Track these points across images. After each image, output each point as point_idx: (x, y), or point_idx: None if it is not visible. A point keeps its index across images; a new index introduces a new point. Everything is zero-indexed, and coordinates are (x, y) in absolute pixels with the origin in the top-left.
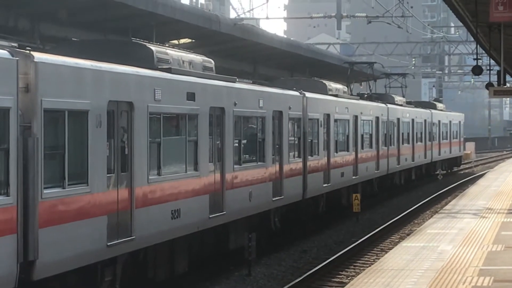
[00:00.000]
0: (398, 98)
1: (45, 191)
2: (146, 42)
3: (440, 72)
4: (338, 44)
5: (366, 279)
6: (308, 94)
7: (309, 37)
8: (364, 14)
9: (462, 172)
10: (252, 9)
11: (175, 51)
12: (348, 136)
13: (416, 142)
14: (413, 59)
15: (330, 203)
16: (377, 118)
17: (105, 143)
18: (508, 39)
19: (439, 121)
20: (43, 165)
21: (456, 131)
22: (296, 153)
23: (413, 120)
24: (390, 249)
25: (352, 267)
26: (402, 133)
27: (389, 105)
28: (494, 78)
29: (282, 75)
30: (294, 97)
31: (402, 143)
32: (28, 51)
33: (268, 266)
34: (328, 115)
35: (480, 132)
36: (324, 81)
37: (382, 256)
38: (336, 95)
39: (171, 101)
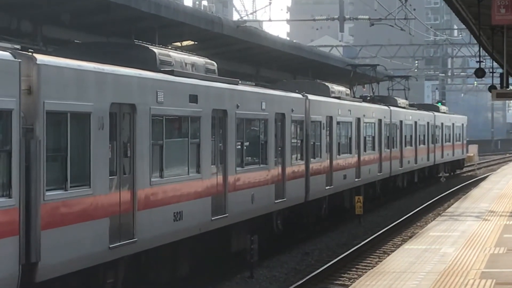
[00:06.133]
0: (401, 101)
1: (47, 193)
2: (148, 45)
3: (443, 74)
4: (341, 47)
5: (368, 282)
6: (310, 97)
7: (312, 39)
8: (367, 17)
9: (464, 174)
10: (255, 11)
11: (177, 53)
12: (350, 139)
13: (419, 144)
14: (416, 62)
15: (332, 205)
16: (380, 120)
17: (107, 145)
18: (511, 42)
19: (442, 124)
20: (45, 167)
21: (459, 134)
22: (299, 155)
23: (416, 122)
24: (393, 251)
25: (354, 269)
26: (405, 136)
27: (391, 108)
28: (497, 81)
29: (285, 77)
30: (296, 99)
31: (405, 146)
32: (30, 53)
33: (271, 269)
34: (331, 118)
35: (483, 134)
36: (326, 84)
37: (384, 258)
38: (338, 98)
39: (174, 103)
